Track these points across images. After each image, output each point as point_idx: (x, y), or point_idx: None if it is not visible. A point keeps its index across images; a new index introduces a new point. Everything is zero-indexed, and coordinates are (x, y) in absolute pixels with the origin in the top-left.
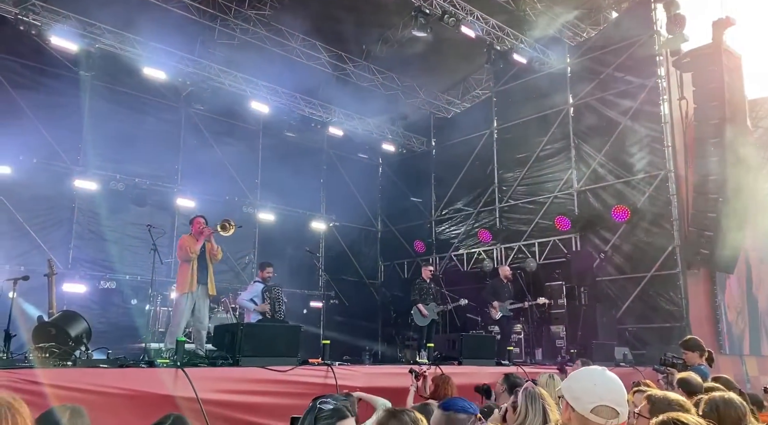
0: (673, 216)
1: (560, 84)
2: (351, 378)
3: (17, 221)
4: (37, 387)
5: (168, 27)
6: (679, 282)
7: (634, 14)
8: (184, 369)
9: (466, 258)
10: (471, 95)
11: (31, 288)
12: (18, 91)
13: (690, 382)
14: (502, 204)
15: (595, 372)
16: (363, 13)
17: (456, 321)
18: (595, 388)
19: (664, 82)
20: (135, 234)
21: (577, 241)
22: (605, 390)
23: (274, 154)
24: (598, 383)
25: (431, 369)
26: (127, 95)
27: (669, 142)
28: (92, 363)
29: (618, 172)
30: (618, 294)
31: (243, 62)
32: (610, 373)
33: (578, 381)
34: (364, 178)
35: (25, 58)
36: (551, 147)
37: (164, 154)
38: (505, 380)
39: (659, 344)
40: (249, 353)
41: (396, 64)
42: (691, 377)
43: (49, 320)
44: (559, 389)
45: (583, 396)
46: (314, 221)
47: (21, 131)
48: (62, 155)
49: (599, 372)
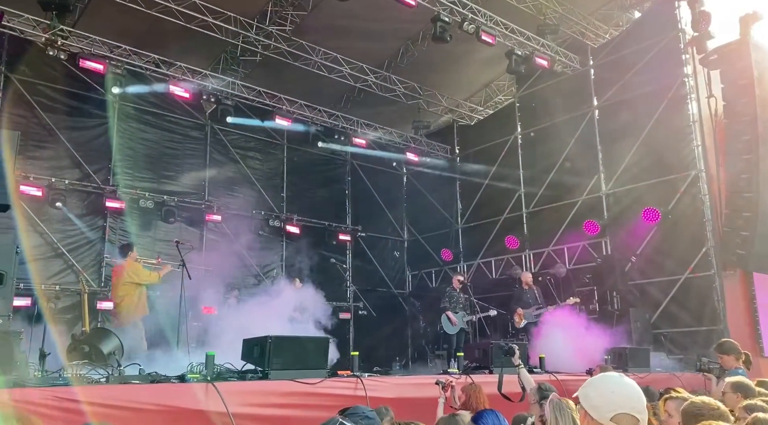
0: (706, 217)
1: (584, 86)
2: (381, 390)
3: (51, 242)
4: (73, 405)
5: (192, 46)
6: (715, 284)
7: (658, 13)
8: (215, 384)
9: (494, 266)
10: (494, 101)
11: (65, 307)
12: (49, 114)
13: (743, 385)
14: (528, 209)
15: (612, 379)
16: (383, 23)
17: (486, 330)
18: (613, 396)
19: (691, 80)
20: (164, 250)
21: (607, 245)
22: (624, 397)
23: (299, 167)
24: (616, 390)
25: (460, 378)
26: (153, 114)
27: (698, 141)
28: (125, 379)
29: (647, 173)
30: (651, 298)
31: (266, 77)
32: (628, 379)
33: (595, 389)
34: (389, 187)
35: (55, 82)
36: (577, 150)
37: (191, 170)
38: (537, 391)
39: (697, 348)
40: (278, 366)
41: (417, 73)
42: (743, 381)
43: (82, 337)
44: (576, 396)
45: (601, 405)
46: (340, 232)
47: (53, 154)
48: (93, 176)
49: (616, 378)
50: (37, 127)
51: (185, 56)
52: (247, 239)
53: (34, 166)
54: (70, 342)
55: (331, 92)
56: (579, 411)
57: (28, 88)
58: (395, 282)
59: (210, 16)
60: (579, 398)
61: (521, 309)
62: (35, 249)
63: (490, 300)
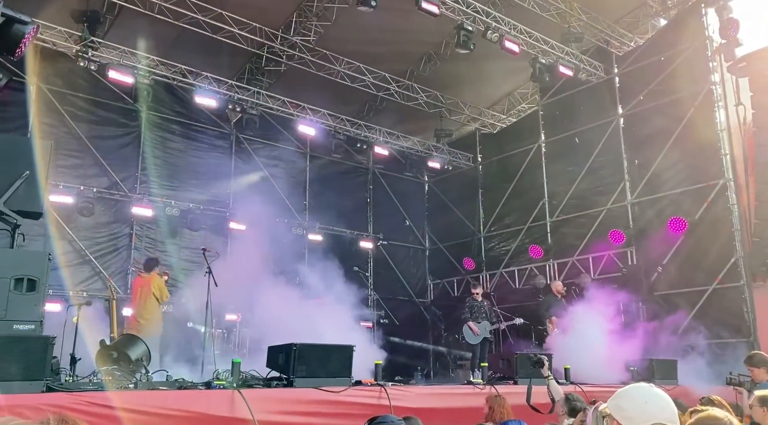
0: (735, 227)
1: (609, 94)
2: (404, 399)
3: (79, 249)
4: (103, 410)
5: (218, 56)
6: (745, 295)
7: (684, 20)
8: (240, 391)
9: (518, 275)
10: (517, 109)
11: (94, 313)
12: (78, 124)
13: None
14: (552, 218)
15: (644, 389)
16: (406, 33)
17: (509, 338)
18: (646, 406)
19: (718, 88)
20: (190, 258)
21: (633, 255)
22: (657, 407)
23: (322, 176)
24: (649, 400)
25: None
26: (179, 123)
27: (726, 150)
28: (152, 385)
29: (673, 182)
30: (678, 308)
31: (290, 87)
32: (658, 389)
33: (627, 400)
34: (411, 195)
35: (84, 92)
36: (602, 158)
37: (216, 179)
38: (566, 402)
39: (726, 361)
40: (303, 373)
41: (439, 82)
42: None
43: (110, 344)
44: (605, 408)
45: (636, 416)
46: (362, 240)
47: (82, 162)
48: (120, 184)
49: (647, 388)
50: (67, 136)
51: (211, 66)
52: (270, 247)
53: (63, 174)
54: (99, 348)
55: (354, 101)
56: (610, 422)
57: (59, 98)
58: (417, 291)
59: (236, 27)
60: (610, 409)
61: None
62: (64, 256)
63: (513, 310)
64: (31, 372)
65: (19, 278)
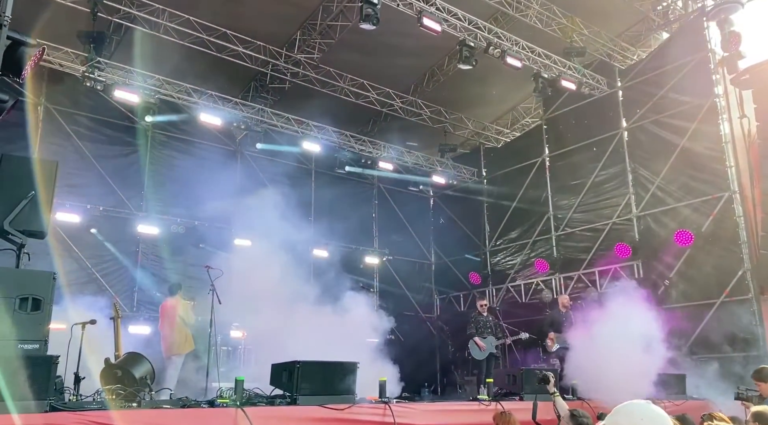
0: (741, 239)
1: (612, 108)
2: (409, 417)
3: (85, 267)
4: None
5: (223, 74)
6: (753, 309)
7: (686, 34)
8: (244, 409)
9: (524, 289)
10: (520, 124)
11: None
12: (84, 143)
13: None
14: (558, 232)
15: (640, 407)
16: (408, 49)
17: (516, 354)
18: (642, 423)
19: (722, 100)
20: (195, 275)
21: (639, 268)
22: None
23: (327, 192)
24: (645, 417)
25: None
26: (185, 141)
27: (731, 162)
28: (156, 403)
29: (679, 195)
30: (686, 322)
31: (294, 104)
32: (655, 406)
33: (624, 416)
34: (416, 211)
35: (90, 112)
36: (607, 172)
37: (221, 196)
38: (571, 419)
39: (735, 375)
40: (306, 391)
41: (443, 97)
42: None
43: (115, 362)
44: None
45: None
46: (367, 256)
47: (88, 181)
48: (126, 202)
49: (644, 406)
50: (73, 155)
51: (216, 84)
52: (275, 263)
53: (70, 193)
54: (104, 367)
55: (358, 117)
56: None
57: (66, 118)
58: (423, 306)
59: (240, 45)
60: None
61: (554, 332)
62: (70, 274)
63: (519, 325)
64: (35, 392)
65: (24, 297)
